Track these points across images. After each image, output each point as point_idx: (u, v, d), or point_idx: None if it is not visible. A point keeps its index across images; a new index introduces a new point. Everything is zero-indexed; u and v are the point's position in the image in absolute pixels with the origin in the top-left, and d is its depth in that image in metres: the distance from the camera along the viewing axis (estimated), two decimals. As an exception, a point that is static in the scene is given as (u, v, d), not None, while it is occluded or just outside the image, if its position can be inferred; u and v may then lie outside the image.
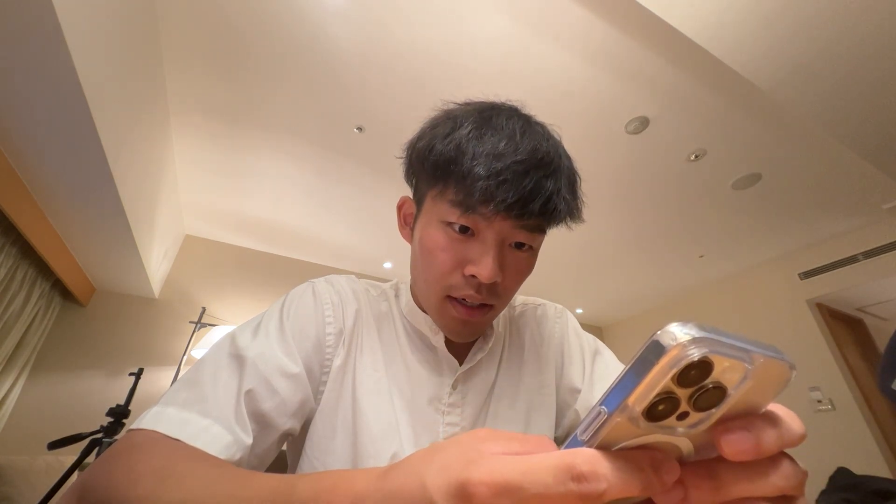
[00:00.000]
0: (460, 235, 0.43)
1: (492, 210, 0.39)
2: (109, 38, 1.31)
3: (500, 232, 0.42)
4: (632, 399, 0.16)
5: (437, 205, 0.44)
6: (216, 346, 0.43)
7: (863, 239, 2.86)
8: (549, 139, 0.44)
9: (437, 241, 0.44)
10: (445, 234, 0.43)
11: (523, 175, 0.39)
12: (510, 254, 0.44)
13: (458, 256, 0.43)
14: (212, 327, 2.79)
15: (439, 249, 0.43)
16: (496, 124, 0.42)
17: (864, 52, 1.41)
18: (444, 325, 0.47)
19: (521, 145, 0.40)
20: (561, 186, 0.42)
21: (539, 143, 0.41)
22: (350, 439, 0.45)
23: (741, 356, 0.16)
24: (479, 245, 0.42)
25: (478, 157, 0.40)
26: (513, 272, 0.44)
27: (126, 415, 1.53)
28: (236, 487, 0.25)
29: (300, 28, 1.68)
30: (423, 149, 0.44)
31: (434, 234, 0.44)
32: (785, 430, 0.18)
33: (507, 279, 0.44)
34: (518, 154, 0.39)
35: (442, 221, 0.43)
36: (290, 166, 2.47)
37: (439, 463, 0.19)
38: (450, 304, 0.45)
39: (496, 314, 0.48)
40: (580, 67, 1.80)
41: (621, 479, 0.16)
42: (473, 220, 0.41)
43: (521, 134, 0.41)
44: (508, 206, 0.39)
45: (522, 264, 0.45)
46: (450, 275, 0.43)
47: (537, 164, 0.40)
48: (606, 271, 3.58)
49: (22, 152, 1.49)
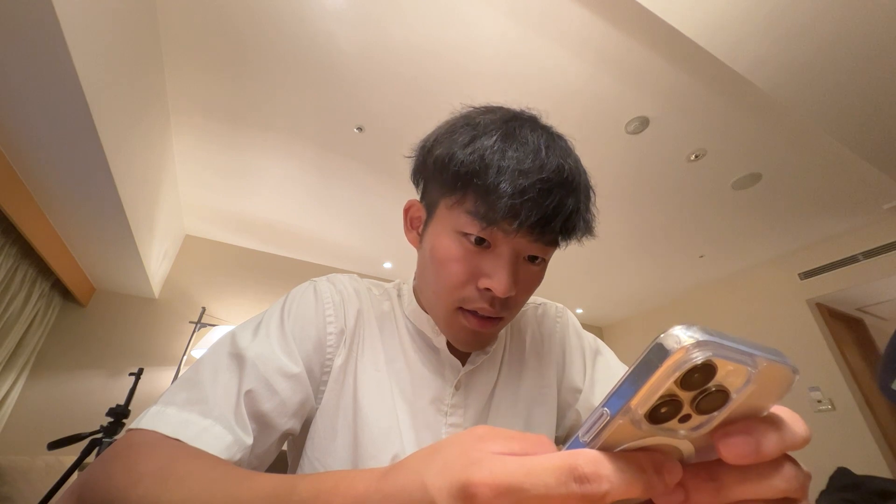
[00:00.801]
0: (476, 247, 0.42)
1: (515, 227, 0.39)
2: (109, 37, 1.31)
3: (517, 246, 0.41)
4: (635, 401, 0.16)
5: (454, 214, 0.42)
6: (216, 345, 0.43)
7: (863, 239, 2.86)
8: (571, 155, 0.43)
9: (451, 251, 0.43)
10: (460, 244, 0.42)
11: (547, 194, 0.39)
12: (523, 267, 0.43)
13: (473, 269, 0.42)
14: (212, 327, 2.79)
15: (453, 260, 0.42)
16: (521, 137, 0.41)
17: (865, 52, 1.41)
18: (453, 335, 0.47)
19: (547, 162, 0.39)
20: (580, 205, 0.41)
21: (563, 161, 0.41)
22: (351, 440, 0.45)
23: (744, 360, 0.16)
24: (494, 258, 0.41)
25: (503, 172, 0.38)
26: (525, 285, 0.44)
27: (126, 415, 1.53)
28: (237, 488, 0.25)
29: (300, 28, 1.68)
30: (442, 156, 0.43)
31: (448, 244, 0.43)
32: (787, 433, 0.18)
33: (519, 292, 0.44)
34: (544, 172, 0.39)
35: (457, 231, 0.42)
36: (290, 166, 2.47)
37: (440, 463, 0.19)
38: (461, 315, 0.44)
39: (505, 325, 0.48)
40: (580, 67, 1.80)
41: (623, 481, 0.16)
42: (491, 233, 0.41)
43: (546, 149, 0.40)
44: (532, 224, 0.38)
45: (534, 277, 0.45)
46: (463, 287, 0.43)
47: (561, 182, 0.39)
48: (606, 271, 3.58)
49: (22, 152, 1.49)
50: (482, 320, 0.44)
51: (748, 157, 2.25)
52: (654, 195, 2.58)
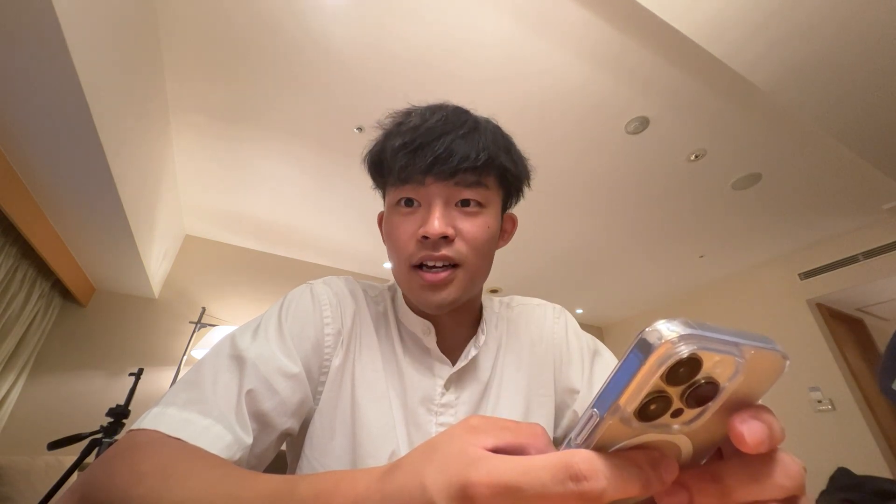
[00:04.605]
0: (408, 209, 0.47)
1: (418, 174, 0.44)
2: (109, 38, 1.31)
3: (439, 193, 0.45)
4: (623, 400, 0.16)
5: (388, 196, 0.50)
6: (216, 347, 0.43)
7: (863, 239, 2.86)
8: (464, 113, 0.48)
9: (392, 222, 0.48)
10: (398, 213, 0.48)
11: (436, 137, 0.44)
12: (459, 212, 0.46)
13: (411, 227, 0.46)
14: (212, 327, 2.79)
15: (395, 227, 0.48)
16: (417, 113, 0.48)
17: (864, 52, 1.41)
18: (416, 297, 0.48)
19: (430, 120, 0.45)
20: (482, 144, 0.45)
21: (447, 114, 0.46)
22: (349, 439, 0.45)
23: (730, 350, 0.16)
24: (424, 210, 0.46)
25: (395, 137, 0.46)
26: (467, 228, 0.46)
27: (126, 415, 1.52)
28: (238, 487, 0.25)
29: (300, 28, 1.68)
30: (364, 158, 0.52)
31: (390, 218, 0.49)
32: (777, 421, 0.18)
33: (463, 235, 0.46)
34: (428, 123, 0.45)
35: (391, 205, 0.49)
36: (290, 166, 2.47)
37: (438, 463, 0.19)
38: (416, 273, 0.46)
39: (465, 277, 0.47)
40: (580, 67, 1.80)
41: (620, 478, 0.16)
42: (412, 190, 0.46)
43: (431, 112, 0.47)
44: (428, 165, 0.43)
45: (476, 222, 0.47)
46: (407, 244, 0.46)
47: (449, 128, 0.45)
48: (606, 271, 3.58)
49: (22, 152, 1.49)
50: (434, 273, 0.46)
51: (748, 157, 2.25)
52: (654, 195, 2.58)
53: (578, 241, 3.06)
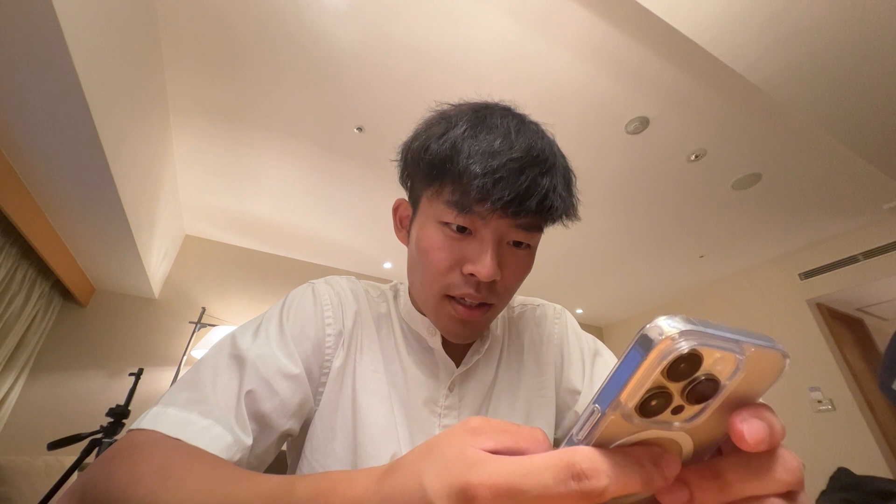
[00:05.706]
0: (457, 234, 0.42)
1: (488, 208, 0.39)
2: (109, 37, 1.31)
3: (498, 230, 0.41)
4: (623, 395, 0.16)
5: (434, 205, 0.43)
6: (216, 347, 0.43)
7: (863, 239, 2.86)
8: (544, 137, 0.44)
9: (433, 240, 0.43)
10: (442, 233, 0.43)
11: (519, 172, 0.39)
12: (508, 252, 0.43)
13: (456, 255, 0.42)
14: (212, 327, 2.79)
15: (436, 249, 0.43)
16: (491, 123, 0.42)
17: (865, 52, 1.41)
18: (443, 325, 0.47)
19: (517, 143, 0.40)
20: (557, 184, 0.41)
21: (534, 141, 0.41)
22: (349, 440, 0.45)
23: (731, 347, 0.16)
24: (476, 244, 0.42)
25: (473, 155, 0.39)
26: (512, 271, 0.44)
27: (126, 415, 1.52)
28: (237, 488, 0.25)
29: (300, 28, 1.68)
30: (417, 149, 0.44)
31: (431, 234, 0.44)
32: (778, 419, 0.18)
33: (506, 278, 0.43)
34: (513, 152, 0.39)
35: (438, 221, 0.43)
36: (290, 166, 2.47)
37: (438, 464, 0.19)
38: (448, 303, 0.44)
39: (495, 314, 0.47)
40: (580, 67, 1.80)
41: (622, 475, 0.16)
42: (470, 219, 0.41)
43: (515, 132, 0.41)
44: (505, 203, 0.39)
45: (521, 263, 0.45)
46: (448, 273, 0.43)
47: (532, 161, 0.40)
48: (606, 271, 3.58)
49: (22, 152, 1.49)
50: (469, 309, 0.44)
51: (748, 157, 2.25)
52: (654, 195, 2.58)
53: (578, 240, 3.06)
